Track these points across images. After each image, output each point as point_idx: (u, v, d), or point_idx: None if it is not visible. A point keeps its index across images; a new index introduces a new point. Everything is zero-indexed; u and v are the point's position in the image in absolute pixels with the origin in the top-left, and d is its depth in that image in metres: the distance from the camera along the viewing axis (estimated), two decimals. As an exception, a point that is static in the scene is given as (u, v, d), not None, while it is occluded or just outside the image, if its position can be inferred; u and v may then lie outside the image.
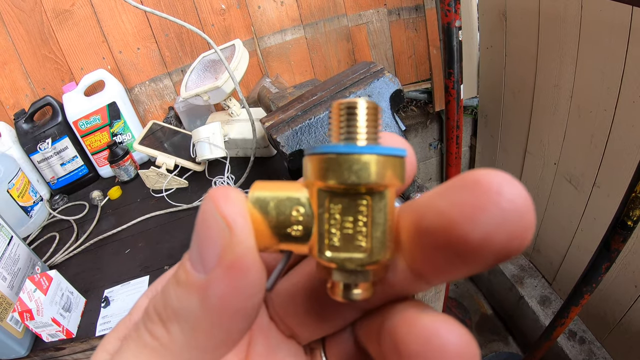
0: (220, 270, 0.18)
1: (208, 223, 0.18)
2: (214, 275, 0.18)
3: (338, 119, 0.20)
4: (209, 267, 0.18)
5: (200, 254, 0.18)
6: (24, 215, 1.42)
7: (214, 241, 0.18)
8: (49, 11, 1.56)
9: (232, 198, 0.19)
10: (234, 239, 0.18)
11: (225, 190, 0.19)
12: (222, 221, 0.18)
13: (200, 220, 0.19)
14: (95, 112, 1.55)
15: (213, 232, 0.18)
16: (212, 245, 0.18)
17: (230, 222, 0.18)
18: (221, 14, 1.70)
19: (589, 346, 1.67)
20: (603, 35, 1.28)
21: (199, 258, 0.18)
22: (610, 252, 1.07)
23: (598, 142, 1.43)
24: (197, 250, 0.18)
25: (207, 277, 0.18)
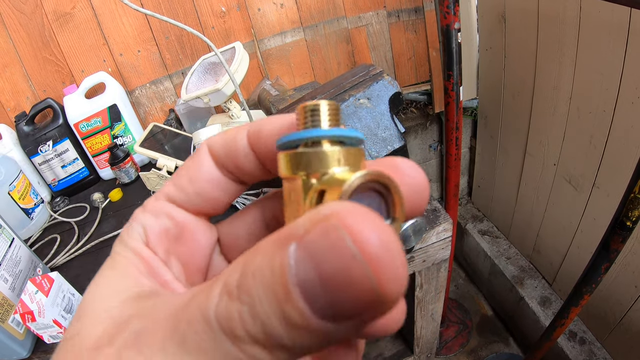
0: (354, 323, 0.16)
1: (352, 276, 0.15)
2: (344, 326, 0.16)
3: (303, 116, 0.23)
4: (338, 319, 0.16)
5: (332, 305, 0.15)
6: (25, 217, 1.42)
7: (356, 300, 0.15)
8: (49, 14, 1.57)
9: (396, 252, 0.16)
10: (380, 306, 0.16)
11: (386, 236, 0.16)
12: (376, 284, 0.15)
13: (342, 275, 0.15)
14: (96, 115, 1.55)
15: (356, 290, 0.15)
16: (352, 302, 0.15)
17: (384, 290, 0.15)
18: (221, 16, 1.70)
19: (589, 347, 1.68)
20: (602, 37, 1.29)
21: (329, 307, 0.16)
22: (609, 253, 1.07)
23: (597, 143, 1.43)
24: (329, 299, 0.15)
25: (333, 327, 0.16)
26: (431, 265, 1.15)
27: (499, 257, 2.11)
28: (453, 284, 2.43)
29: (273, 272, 0.16)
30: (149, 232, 0.26)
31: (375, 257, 0.15)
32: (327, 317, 0.16)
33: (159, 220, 0.27)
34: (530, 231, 1.96)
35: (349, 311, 0.15)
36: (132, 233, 0.26)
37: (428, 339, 1.47)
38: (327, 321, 0.16)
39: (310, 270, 0.15)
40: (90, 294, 0.24)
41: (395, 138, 0.69)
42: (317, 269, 0.15)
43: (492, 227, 2.28)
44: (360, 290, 0.15)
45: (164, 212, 0.27)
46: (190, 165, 0.27)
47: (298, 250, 0.16)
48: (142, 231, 0.26)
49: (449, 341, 2.16)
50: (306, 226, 0.16)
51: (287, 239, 0.16)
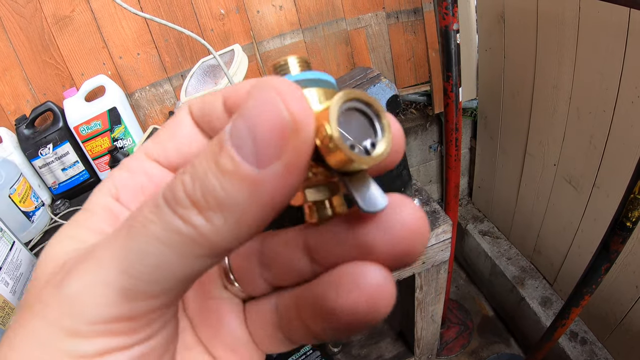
0: (279, 168, 0.18)
1: (270, 116, 0.18)
2: (270, 171, 0.18)
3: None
4: (265, 163, 0.18)
5: (256, 147, 0.18)
6: (26, 220, 1.42)
7: (276, 137, 0.18)
8: (49, 17, 1.57)
9: (300, 97, 0.18)
10: (299, 138, 0.18)
11: (290, 85, 0.18)
12: (289, 118, 0.18)
13: (258, 111, 0.18)
14: (96, 118, 1.56)
15: (276, 128, 0.18)
16: (273, 140, 0.18)
17: (298, 121, 0.18)
18: (220, 19, 1.70)
19: (590, 347, 1.68)
20: (601, 37, 1.29)
21: (253, 150, 0.18)
22: (609, 254, 1.07)
23: (597, 143, 1.43)
24: (252, 142, 0.18)
25: (262, 172, 0.18)
26: (431, 267, 1.15)
27: (500, 258, 2.11)
28: (454, 285, 2.43)
29: (213, 141, 0.19)
30: (121, 189, 0.26)
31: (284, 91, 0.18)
32: (250, 160, 0.18)
33: (134, 176, 0.26)
34: (531, 231, 1.96)
35: (270, 145, 0.18)
36: (102, 189, 0.26)
37: (428, 340, 1.47)
38: (254, 166, 0.18)
39: (241, 123, 0.18)
40: (50, 245, 0.24)
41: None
42: (244, 117, 0.18)
43: (492, 227, 2.28)
44: (275, 117, 0.18)
45: (140, 168, 0.26)
46: (170, 123, 0.27)
47: (234, 119, 0.18)
48: (112, 187, 0.26)
49: (449, 342, 2.16)
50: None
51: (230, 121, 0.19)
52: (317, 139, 0.20)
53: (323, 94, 0.22)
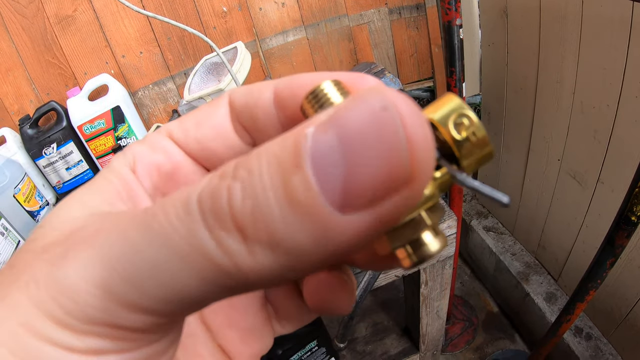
0: (368, 219, 0.14)
1: (383, 150, 0.13)
2: (354, 219, 0.13)
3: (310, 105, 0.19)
4: (351, 208, 0.13)
5: (347, 185, 0.13)
6: (31, 219, 1.43)
7: (381, 181, 0.13)
8: (51, 17, 1.57)
9: (429, 135, 0.14)
10: (412, 190, 0.14)
11: (418, 112, 0.14)
12: (407, 164, 0.13)
13: (366, 134, 0.13)
14: (99, 117, 1.56)
15: (385, 169, 0.13)
16: (376, 184, 0.13)
17: (418, 172, 0.13)
18: (223, 16, 1.71)
19: (595, 342, 1.67)
20: (604, 31, 1.28)
21: (342, 188, 0.13)
22: (614, 248, 1.07)
23: (601, 138, 1.43)
24: (344, 175, 0.13)
25: (343, 218, 0.13)
26: (436, 262, 1.15)
27: (504, 254, 2.11)
28: (458, 281, 2.42)
29: (284, 146, 0.14)
30: (139, 161, 0.24)
31: (415, 135, 0.13)
32: (336, 202, 0.13)
33: (153, 153, 0.25)
34: (535, 227, 1.95)
35: (367, 188, 0.13)
36: (120, 158, 0.25)
37: (434, 336, 1.47)
38: (335, 207, 0.13)
39: (333, 139, 0.13)
40: (58, 207, 0.22)
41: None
42: (340, 134, 0.13)
43: (496, 223, 2.28)
44: (391, 156, 0.13)
45: (160, 146, 0.25)
46: (204, 109, 0.25)
47: (320, 126, 0.14)
48: (131, 158, 0.24)
49: (454, 338, 2.16)
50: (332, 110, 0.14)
51: (307, 124, 0.14)
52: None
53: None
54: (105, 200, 0.22)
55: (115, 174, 0.23)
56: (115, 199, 0.22)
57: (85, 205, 0.21)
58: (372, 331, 1.68)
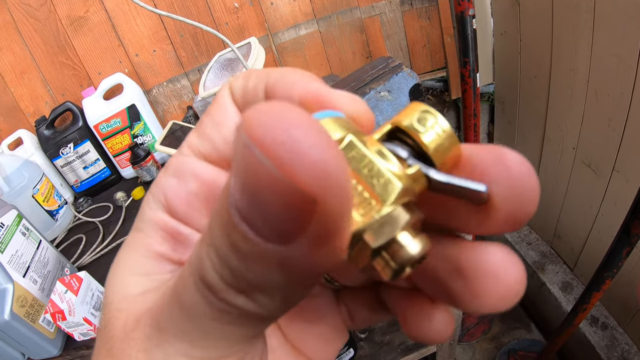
0: (308, 242, 0.14)
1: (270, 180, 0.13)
2: (298, 246, 0.14)
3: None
4: (288, 238, 0.14)
5: (268, 222, 0.13)
6: (50, 219, 1.44)
7: (283, 208, 0.13)
8: (63, 19, 1.58)
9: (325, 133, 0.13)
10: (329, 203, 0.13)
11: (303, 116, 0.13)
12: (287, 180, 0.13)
13: (254, 170, 0.13)
14: (115, 115, 1.57)
15: (282, 198, 0.13)
16: (286, 214, 0.13)
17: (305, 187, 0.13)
18: (234, 12, 1.71)
19: (611, 332, 1.67)
20: (617, 18, 1.27)
21: (266, 224, 0.13)
22: (630, 237, 1.07)
23: (616, 126, 1.42)
24: (261, 214, 0.13)
25: (289, 249, 0.14)
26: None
27: (520, 243, 2.11)
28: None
29: (221, 202, 0.15)
30: (172, 199, 0.23)
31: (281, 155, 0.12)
32: (269, 238, 0.14)
33: (184, 183, 0.23)
34: (551, 216, 1.95)
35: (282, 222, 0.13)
36: (151, 202, 0.24)
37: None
38: (273, 243, 0.14)
39: (237, 188, 0.14)
40: (112, 281, 0.23)
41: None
42: (241, 184, 0.13)
43: (511, 213, 2.27)
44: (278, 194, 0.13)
45: (188, 171, 0.23)
46: (213, 111, 0.24)
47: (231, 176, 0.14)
48: (163, 198, 0.23)
49: (470, 328, 2.16)
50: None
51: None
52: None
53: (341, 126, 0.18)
54: (150, 257, 0.23)
55: (151, 224, 0.23)
56: (159, 251, 0.23)
57: (133, 271, 0.23)
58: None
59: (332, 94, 0.21)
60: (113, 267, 0.23)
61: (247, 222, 0.14)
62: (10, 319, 0.92)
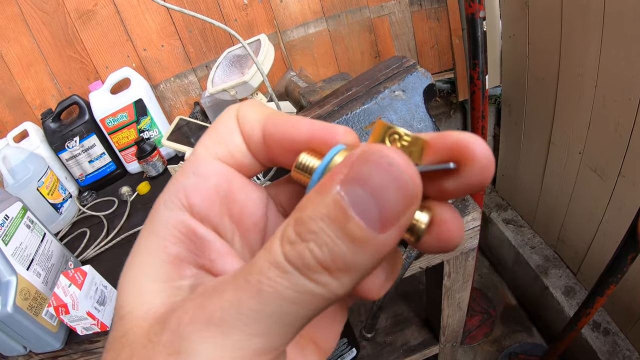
0: (396, 230, 0.20)
1: (398, 187, 0.19)
2: (390, 234, 0.20)
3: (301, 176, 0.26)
4: (387, 228, 0.20)
5: (382, 215, 0.19)
6: (54, 212, 1.44)
7: (403, 207, 0.20)
8: (72, 12, 1.58)
9: (415, 169, 0.20)
10: (415, 203, 0.20)
11: (404, 156, 0.20)
12: (414, 190, 0.20)
13: (384, 181, 0.19)
14: (122, 110, 1.57)
15: (404, 199, 0.20)
16: (400, 209, 0.20)
17: (419, 192, 0.20)
18: (244, 9, 1.71)
19: (613, 337, 1.67)
20: (627, 23, 1.27)
21: (379, 218, 0.19)
22: (636, 243, 1.07)
23: (623, 131, 1.41)
24: (379, 211, 0.19)
25: (383, 236, 0.20)
26: (459, 254, 1.15)
27: (524, 247, 2.10)
28: (477, 274, 2.42)
29: (329, 207, 0.20)
30: (192, 195, 0.25)
31: (406, 167, 0.19)
32: (377, 227, 0.19)
33: (203, 179, 0.25)
34: (555, 220, 1.94)
35: (394, 214, 0.20)
36: (168, 202, 0.25)
37: (454, 328, 1.48)
38: (378, 231, 0.19)
39: (361, 192, 0.19)
40: (128, 287, 0.23)
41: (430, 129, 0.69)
42: (365, 188, 0.19)
43: (516, 216, 2.27)
44: (403, 191, 0.19)
45: (207, 169, 0.25)
46: (220, 127, 0.26)
47: (344, 184, 0.20)
48: (182, 195, 0.24)
49: (472, 330, 2.16)
50: (342, 170, 0.20)
51: (330, 184, 0.20)
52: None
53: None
54: (170, 261, 0.24)
55: (166, 226, 0.24)
56: (179, 253, 0.24)
57: (151, 277, 0.23)
58: (393, 322, 1.68)
59: (336, 129, 0.25)
60: (127, 272, 0.24)
61: (362, 216, 0.19)
62: (13, 312, 0.92)
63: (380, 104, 0.69)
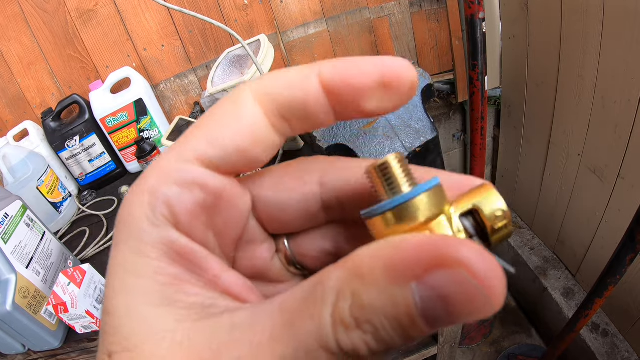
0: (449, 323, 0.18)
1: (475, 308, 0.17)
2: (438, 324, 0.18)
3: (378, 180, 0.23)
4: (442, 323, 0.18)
5: (446, 318, 0.18)
6: (54, 211, 1.45)
7: (467, 312, 0.17)
8: (72, 11, 1.58)
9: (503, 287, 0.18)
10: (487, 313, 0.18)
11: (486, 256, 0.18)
12: (491, 310, 0.17)
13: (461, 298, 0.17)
14: (122, 109, 1.57)
15: (474, 315, 0.17)
16: (463, 314, 0.17)
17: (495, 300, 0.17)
18: (244, 9, 1.71)
19: (611, 339, 1.67)
20: (626, 25, 1.27)
21: (441, 320, 0.18)
22: (634, 244, 1.07)
23: (622, 133, 1.42)
24: (449, 319, 0.17)
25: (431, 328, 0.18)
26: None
27: (523, 248, 2.11)
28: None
29: (397, 308, 0.18)
30: (179, 211, 0.21)
31: (491, 285, 0.17)
32: (432, 325, 0.18)
33: (189, 192, 0.22)
34: (554, 222, 1.95)
35: (454, 320, 0.18)
36: (152, 217, 0.21)
37: (452, 329, 1.48)
38: (431, 327, 0.18)
39: (439, 306, 0.17)
40: (126, 316, 0.20)
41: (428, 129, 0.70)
42: (445, 304, 0.17)
43: (515, 217, 2.27)
44: (480, 310, 0.17)
45: (194, 181, 0.22)
46: (227, 116, 0.22)
47: (424, 290, 0.17)
48: (167, 211, 0.21)
49: (471, 332, 2.16)
50: (425, 266, 0.18)
51: (404, 276, 0.18)
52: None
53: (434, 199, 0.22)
54: (159, 282, 0.21)
55: (156, 246, 0.21)
56: (182, 285, 0.21)
57: (151, 302, 0.20)
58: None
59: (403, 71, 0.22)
60: (116, 296, 0.21)
61: (427, 321, 0.17)
62: (12, 310, 0.92)
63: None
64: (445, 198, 0.23)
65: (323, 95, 0.22)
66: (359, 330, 0.18)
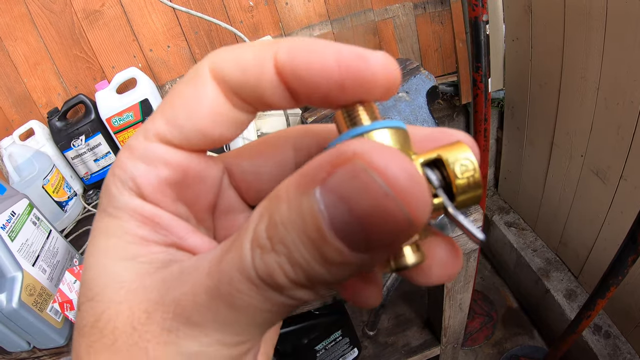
0: (383, 252, 0.18)
1: (388, 216, 0.16)
2: (374, 255, 0.17)
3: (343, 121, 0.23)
4: (373, 249, 0.17)
5: (368, 241, 0.16)
6: (59, 210, 1.46)
7: (392, 235, 0.17)
8: (79, 12, 1.59)
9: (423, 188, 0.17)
10: (411, 232, 0.17)
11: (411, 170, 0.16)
12: (409, 218, 0.16)
13: (370, 204, 0.16)
14: (128, 109, 1.58)
15: (395, 229, 0.16)
16: (389, 237, 0.17)
17: (418, 221, 0.16)
18: (249, 10, 1.72)
19: (613, 341, 1.67)
20: (629, 27, 1.28)
21: (365, 242, 0.17)
22: (636, 245, 1.07)
23: (625, 135, 1.42)
24: (365, 234, 0.16)
25: (367, 256, 0.17)
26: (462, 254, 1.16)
27: (525, 249, 2.11)
28: (479, 276, 2.42)
29: (304, 219, 0.17)
30: (143, 185, 0.23)
31: (406, 191, 0.16)
32: (362, 250, 0.17)
33: (154, 169, 0.23)
34: (557, 223, 1.95)
35: (383, 242, 0.17)
36: (121, 188, 0.23)
37: (455, 329, 1.48)
38: (362, 253, 0.17)
39: (344, 212, 0.16)
40: (93, 270, 0.22)
41: (432, 130, 0.70)
42: (351, 210, 0.16)
43: (518, 219, 2.27)
44: (395, 222, 0.16)
45: (157, 158, 0.23)
46: (187, 94, 0.22)
47: (326, 194, 0.17)
48: (132, 184, 0.23)
49: (473, 333, 2.16)
50: (327, 168, 0.17)
51: (310, 183, 0.17)
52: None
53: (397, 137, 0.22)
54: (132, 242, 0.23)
55: (125, 210, 0.23)
56: (141, 234, 0.23)
57: (117, 257, 0.22)
58: (395, 323, 1.69)
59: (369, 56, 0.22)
60: (90, 256, 0.23)
61: (344, 239, 0.17)
62: (18, 307, 0.92)
63: (384, 105, 0.70)
64: (409, 144, 0.22)
65: (278, 82, 0.21)
66: (273, 252, 0.18)
